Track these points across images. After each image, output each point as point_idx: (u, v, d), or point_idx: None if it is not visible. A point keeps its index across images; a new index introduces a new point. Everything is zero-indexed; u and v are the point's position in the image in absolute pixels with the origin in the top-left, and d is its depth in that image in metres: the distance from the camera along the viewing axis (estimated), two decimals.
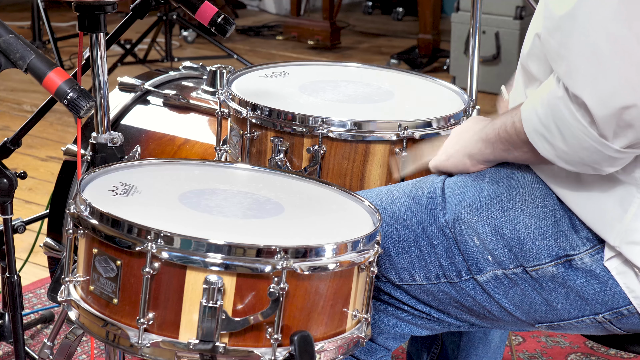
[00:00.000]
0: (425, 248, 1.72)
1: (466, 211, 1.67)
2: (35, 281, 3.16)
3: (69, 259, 1.61)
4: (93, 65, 1.99)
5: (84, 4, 1.91)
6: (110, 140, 2.02)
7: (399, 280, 1.75)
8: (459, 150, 1.75)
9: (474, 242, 1.67)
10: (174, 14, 5.36)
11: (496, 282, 1.68)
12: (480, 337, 2.15)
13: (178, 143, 2.51)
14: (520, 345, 2.87)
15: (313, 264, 1.49)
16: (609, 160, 1.50)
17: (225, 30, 2.12)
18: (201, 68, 2.79)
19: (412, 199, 1.74)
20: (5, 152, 2.28)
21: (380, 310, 1.79)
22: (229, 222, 1.58)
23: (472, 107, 2.12)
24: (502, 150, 1.66)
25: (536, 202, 1.64)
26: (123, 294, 1.51)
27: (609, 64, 1.44)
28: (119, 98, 2.65)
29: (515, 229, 1.64)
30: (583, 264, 1.62)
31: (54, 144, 4.41)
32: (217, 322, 1.45)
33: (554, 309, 1.68)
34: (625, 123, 1.45)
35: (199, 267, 1.45)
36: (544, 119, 1.52)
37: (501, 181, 1.67)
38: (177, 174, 1.76)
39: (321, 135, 1.92)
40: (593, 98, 1.45)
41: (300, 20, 6.54)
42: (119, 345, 1.52)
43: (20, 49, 1.61)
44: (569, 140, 1.50)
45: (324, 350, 1.54)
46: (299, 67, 2.30)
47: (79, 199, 1.57)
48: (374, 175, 1.97)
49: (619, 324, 1.67)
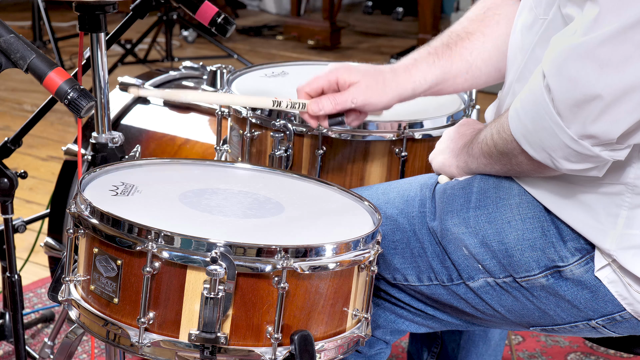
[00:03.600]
0: (417, 250, 1.72)
1: (453, 222, 1.67)
2: (36, 281, 3.17)
3: (69, 258, 1.61)
4: (93, 65, 1.99)
5: (85, 4, 1.91)
6: (111, 140, 2.02)
7: (393, 280, 1.75)
8: (447, 158, 1.76)
9: (463, 252, 1.67)
10: (174, 14, 5.36)
11: (488, 289, 1.68)
12: (480, 335, 2.15)
13: (178, 143, 2.52)
14: (520, 345, 2.87)
15: (313, 263, 1.49)
16: (565, 150, 1.48)
17: (225, 30, 2.12)
18: (201, 68, 2.79)
19: (405, 200, 1.74)
20: (6, 151, 2.28)
21: (378, 305, 1.80)
22: (229, 222, 1.58)
23: (472, 107, 2.12)
24: (485, 165, 1.67)
25: (523, 214, 1.64)
26: (123, 294, 1.51)
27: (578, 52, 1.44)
28: (119, 98, 2.66)
29: (503, 240, 1.64)
30: (573, 274, 1.62)
31: (55, 143, 4.41)
32: (219, 313, 1.45)
33: (547, 315, 1.68)
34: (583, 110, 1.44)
35: (199, 267, 1.46)
36: (523, 97, 1.53)
37: (488, 192, 1.67)
38: (177, 173, 1.77)
39: (321, 135, 1.93)
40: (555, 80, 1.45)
41: (300, 20, 6.55)
42: (119, 344, 1.52)
43: (20, 49, 1.62)
44: (533, 117, 1.50)
45: (324, 349, 1.54)
46: (299, 67, 2.30)
47: (80, 198, 1.57)
48: (373, 175, 1.97)
49: (613, 328, 1.67)
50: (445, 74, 1.82)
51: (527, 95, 1.51)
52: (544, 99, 1.47)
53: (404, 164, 1.97)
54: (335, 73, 1.76)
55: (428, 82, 1.80)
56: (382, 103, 1.78)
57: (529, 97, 1.51)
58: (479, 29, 1.83)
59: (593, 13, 1.42)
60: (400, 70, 1.80)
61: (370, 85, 1.76)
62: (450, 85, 1.84)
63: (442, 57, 1.82)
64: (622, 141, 1.47)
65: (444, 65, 1.82)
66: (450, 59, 1.82)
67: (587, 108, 1.43)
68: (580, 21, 1.45)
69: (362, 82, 1.75)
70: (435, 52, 1.82)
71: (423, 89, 1.81)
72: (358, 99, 1.75)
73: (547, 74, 1.46)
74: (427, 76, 1.80)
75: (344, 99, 1.75)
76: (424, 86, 1.80)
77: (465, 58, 1.82)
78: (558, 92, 1.45)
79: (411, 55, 1.83)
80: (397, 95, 1.78)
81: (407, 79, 1.79)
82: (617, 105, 1.43)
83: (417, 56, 1.82)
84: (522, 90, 1.54)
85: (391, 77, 1.78)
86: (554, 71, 1.45)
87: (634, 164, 1.55)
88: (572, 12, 1.49)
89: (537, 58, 1.60)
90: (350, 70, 1.76)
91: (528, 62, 1.64)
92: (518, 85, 1.67)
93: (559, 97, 1.45)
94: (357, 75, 1.76)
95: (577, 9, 1.47)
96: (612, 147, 1.48)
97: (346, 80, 1.75)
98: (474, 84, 1.86)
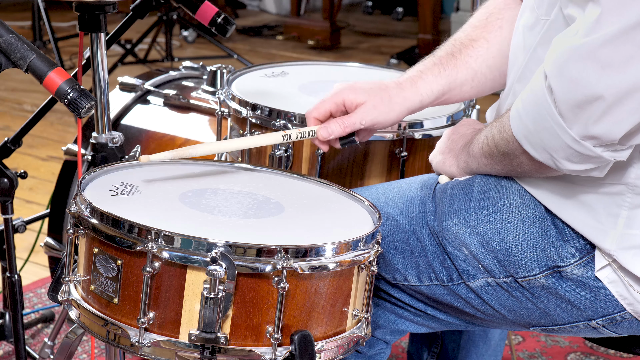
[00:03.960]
0: (417, 250, 1.72)
1: (454, 222, 1.67)
2: (36, 281, 3.17)
3: (69, 258, 1.61)
4: (93, 65, 1.99)
5: (85, 4, 1.91)
6: (111, 140, 2.02)
7: (393, 280, 1.75)
8: (447, 158, 1.76)
9: (463, 252, 1.67)
10: (174, 14, 5.36)
11: (488, 289, 1.68)
12: (480, 335, 2.15)
13: (178, 143, 2.52)
14: (520, 345, 2.87)
15: (313, 263, 1.49)
16: (566, 150, 1.48)
17: (225, 30, 2.12)
18: (201, 68, 2.79)
19: (405, 200, 1.74)
20: (6, 151, 2.28)
21: (378, 306, 1.80)
22: (229, 222, 1.58)
23: (472, 107, 2.12)
24: (486, 165, 1.67)
25: (523, 214, 1.64)
26: (123, 294, 1.51)
27: (579, 53, 1.44)
28: (119, 98, 2.66)
29: (503, 241, 1.64)
30: (573, 274, 1.62)
31: (55, 143, 4.41)
32: (219, 313, 1.45)
33: (547, 315, 1.68)
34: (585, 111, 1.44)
35: (199, 267, 1.46)
36: (525, 98, 1.53)
37: (489, 192, 1.67)
38: (177, 173, 1.76)
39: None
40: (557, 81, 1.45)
41: (300, 20, 6.55)
42: (119, 344, 1.52)
43: (20, 49, 1.62)
44: (535, 118, 1.50)
45: (324, 349, 1.54)
46: (298, 67, 2.30)
47: (80, 198, 1.57)
48: (373, 175, 1.97)
49: (613, 328, 1.67)
50: (452, 84, 1.81)
51: (529, 96, 1.51)
52: (545, 99, 1.47)
53: (404, 164, 1.97)
54: (341, 95, 1.75)
55: (435, 93, 1.80)
56: (391, 120, 1.78)
57: (531, 97, 1.51)
58: (482, 35, 1.83)
59: (595, 14, 1.42)
60: (407, 84, 1.79)
61: (377, 105, 1.75)
62: (457, 94, 1.83)
63: (448, 66, 1.81)
64: (624, 142, 1.47)
65: (450, 75, 1.81)
66: (456, 68, 1.82)
67: (589, 109, 1.43)
68: (581, 22, 1.45)
69: (369, 102, 1.75)
70: (440, 62, 1.82)
71: (430, 100, 1.81)
72: (366, 119, 1.75)
73: (549, 74, 1.46)
74: (434, 87, 1.80)
75: (352, 121, 1.75)
76: (431, 98, 1.80)
77: (470, 66, 1.82)
78: (560, 93, 1.45)
79: (416, 67, 1.83)
80: (405, 110, 1.78)
81: (414, 92, 1.79)
82: (619, 106, 1.43)
83: (422, 68, 1.82)
84: (524, 91, 1.54)
85: (397, 93, 1.77)
86: (555, 72, 1.45)
87: (635, 164, 1.55)
88: (574, 12, 1.49)
89: (538, 58, 1.61)
90: (356, 90, 1.76)
91: (529, 62, 1.64)
92: (519, 86, 1.67)
93: (561, 97, 1.45)
94: (363, 95, 1.75)
95: (579, 9, 1.47)
96: (614, 148, 1.48)
97: (352, 101, 1.75)
98: (481, 90, 1.85)
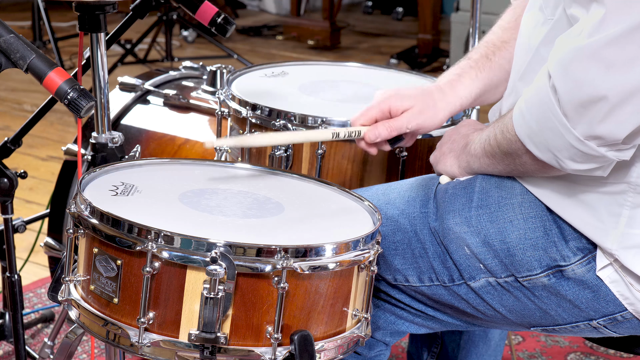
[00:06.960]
0: (417, 251, 1.72)
1: (455, 221, 1.68)
2: (36, 280, 3.17)
3: (69, 258, 1.61)
4: (93, 65, 1.99)
5: (85, 4, 1.91)
6: (111, 140, 2.02)
7: (393, 280, 1.75)
8: (448, 158, 1.76)
9: (464, 251, 1.67)
10: (174, 14, 5.36)
11: (489, 289, 1.68)
12: (480, 335, 2.15)
13: (178, 143, 2.52)
14: (519, 345, 2.87)
15: (313, 263, 1.49)
16: (570, 150, 1.49)
17: (225, 30, 2.12)
18: (201, 68, 2.79)
19: (406, 201, 1.75)
20: (6, 151, 2.28)
21: (377, 307, 1.80)
22: (229, 222, 1.58)
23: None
24: (488, 165, 1.68)
25: (525, 213, 1.64)
26: (123, 294, 1.51)
27: (584, 53, 1.44)
28: (119, 98, 2.66)
29: (505, 240, 1.64)
30: (574, 274, 1.62)
31: (55, 143, 4.41)
32: (219, 313, 1.45)
33: (548, 315, 1.68)
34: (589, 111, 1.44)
35: (199, 267, 1.46)
36: (528, 98, 1.54)
37: (490, 191, 1.67)
38: (177, 173, 1.77)
39: None
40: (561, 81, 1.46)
41: (300, 20, 6.55)
42: (119, 344, 1.52)
43: (20, 49, 1.62)
44: (538, 117, 1.50)
45: (324, 349, 1.54)
46: (298, 67, 2.30)
47: (80, 198, 1.57)
48: (373, 175, 1.97)
49: (614, 328, 1.67)
50: (487, 86, 1.86)
51: (532, 96, 1.51)
52: (549, 99, 1.47)
53: (404, 164, 1.97)
54: (388, 102, 1.78)
55: (473, 96, 1.85)
56: (435, 124, 1.82)
57: (534, 97, 1.51)
58: (513, 37, 1.86)
59: (599, 14, 1.42)
60: (447, 88, 1.83)
61: (422, 110, 1.79)
62: (492, 95, 1.88)
63: (484, 69, 1.86)
64: (628, 141, 1.48)
65: (486, 77, 1.86)
66: (491, 70, 1.86)
67: (593, 109, 1.44)
68: (586, 22, 1.45)
69: (415, 108, 1.78)
70: (476, 65, 1.86)
71: (469, 102, 1.85)
72: (412, 124, 1.78)
73: (553, 74, 1.46)
74: (472, 90, 1.85)
75: (399, 125, 1.77)
76: (469, 100, 1.85)
77: (504, 67, 1.86)
78: (564, 93, 1.45)
79: (453, 70, 1.87)
80: (447, 114, 1.83)
81: (454, 95, 1.83)
82: (623, 106, 1.43)
83: (459, 71, 1.86)
84: (526, 91, 1.54)
85: (440, 97, 1.82)
86: (560, 72, 1.45)
87: (637, 163, 1.55)
88: (577, 12, 1.49)
89: (541, 57, 1.61)
90: (402, 97, 1.79)
91: (532, 61, 1.65)
92: (521, 84, 1.67)
93: (565, 97, 1.45)
94: (410, 101, 1.78)
95: (582, 9, 1.48)
96: (617, 148, 1.48)
97: (399, 108, 1.78)
98: None
